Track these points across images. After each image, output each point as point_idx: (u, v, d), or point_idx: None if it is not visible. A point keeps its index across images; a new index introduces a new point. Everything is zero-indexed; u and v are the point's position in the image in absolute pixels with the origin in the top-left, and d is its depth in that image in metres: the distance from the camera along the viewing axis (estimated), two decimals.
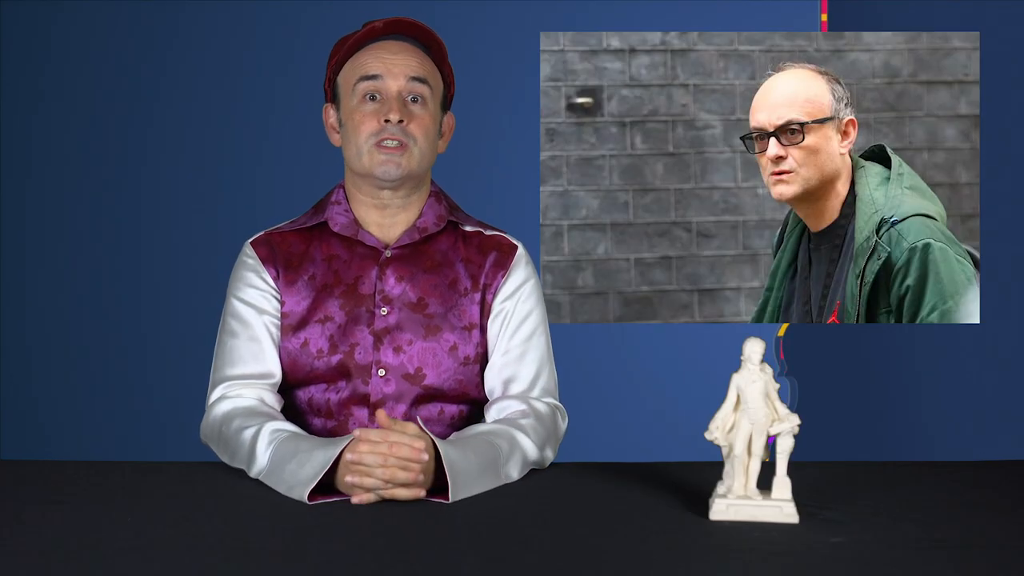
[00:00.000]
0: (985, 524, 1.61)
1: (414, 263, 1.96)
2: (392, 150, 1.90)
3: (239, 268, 1.98)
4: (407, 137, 1.90)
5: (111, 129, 3.58)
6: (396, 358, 1.91)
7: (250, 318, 1.94)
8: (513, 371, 1.95)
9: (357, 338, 1.92)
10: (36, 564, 1.40)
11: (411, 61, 1.93)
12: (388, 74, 1.91)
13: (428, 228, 1.98)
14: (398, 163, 1.90)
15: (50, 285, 3.61)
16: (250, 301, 1.95)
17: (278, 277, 1.95)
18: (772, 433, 1.60)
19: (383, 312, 1.93)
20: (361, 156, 1.92)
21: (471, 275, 1.98)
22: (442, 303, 1.95)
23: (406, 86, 1.91)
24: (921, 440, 3.31)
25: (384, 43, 1.95)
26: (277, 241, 1.98)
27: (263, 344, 1.93)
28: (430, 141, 1.94)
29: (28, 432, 3.60)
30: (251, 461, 1.79)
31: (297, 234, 1.99)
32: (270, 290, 1.95)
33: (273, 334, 1.94)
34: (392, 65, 1.92)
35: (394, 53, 1.93)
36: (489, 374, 1.97)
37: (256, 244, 1.99)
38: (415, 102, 1.92)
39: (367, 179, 1.94)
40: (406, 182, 1.94)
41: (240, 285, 1.97)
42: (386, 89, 1.91)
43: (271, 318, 1.95)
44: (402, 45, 1.95)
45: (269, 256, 1.96)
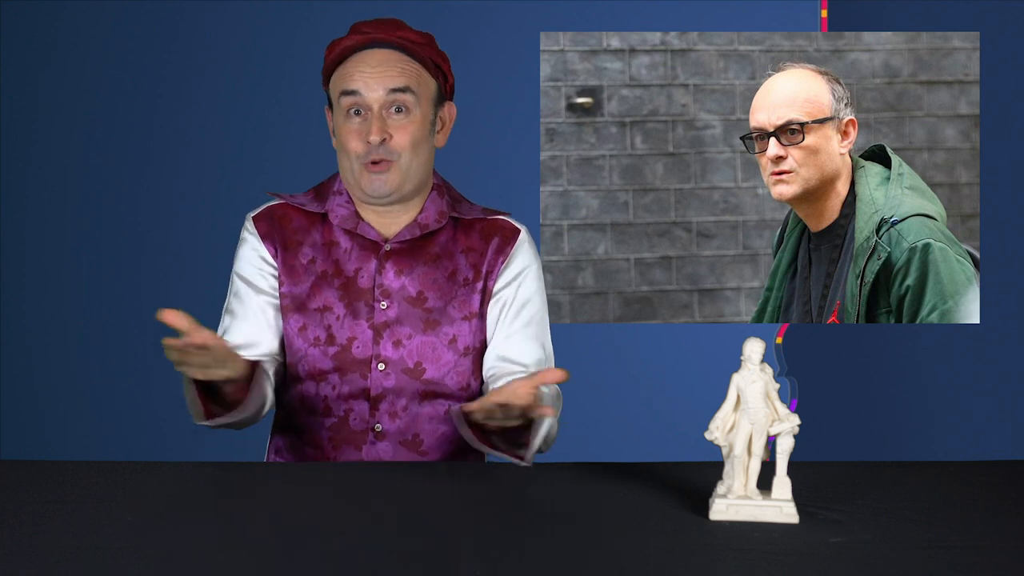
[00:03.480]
0: (985, 524, 1.61)
1: (413, 256, 1.97)
2: (379, 169, 1.90)
3: (240, 243, 2.01)
4: (391, 154, 1.90)
5: (111, 128, 3.58)
6: (396, 352, 1.92)
7: (247, 298, 1.97)
8: (515, 353, 1.96)
9: (355, 332, 1.92)
10: (36, 564, 1.40)
11: (390, 71, 1.90)
12: (367, 88, 1.90)
13: (429, 224, 1.98)
14: (384, 180, 1.91)
15: (50, 285, 3.61)
16: (248, 278, 1.98)
17: (276, 254, 1.97)
18: (772, 433, 1.60)
19: (382, 306, 1.93)
20: (353, 174, 1.93)
21: (472, 264, 1.98)
22: (441, 296, 1.95)
23: (386, 99, 1.90)
24: (921, 440, 3.31)
25: (365, 53, 1.92)
26: (279, 216, 1.99)
27: (259, 323, 1.96)
28: (419, 147, 1.93)
29: (28, 432, 3.60)
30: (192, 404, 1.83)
31: (302, 213, 2.00)
32: (268, 267, 1.97)
33: (268, 313, 1.96)
34: (371, 79, 1.90)
35: (373, 66, 1.91)
36: (488, 355, 1.97)
37: (257, 219, 2.00)
38: (399, 112, 1.91)
39: (359, 194, 1.95)
40: (398, 195, 1.95)
41: (240, 262, 2.00)
42: (366, 104, 1.90)
43: (268, 297, 1.97)
44: (384, 54, 1.92)
45: (268, 232, 1.98)
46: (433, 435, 1.93)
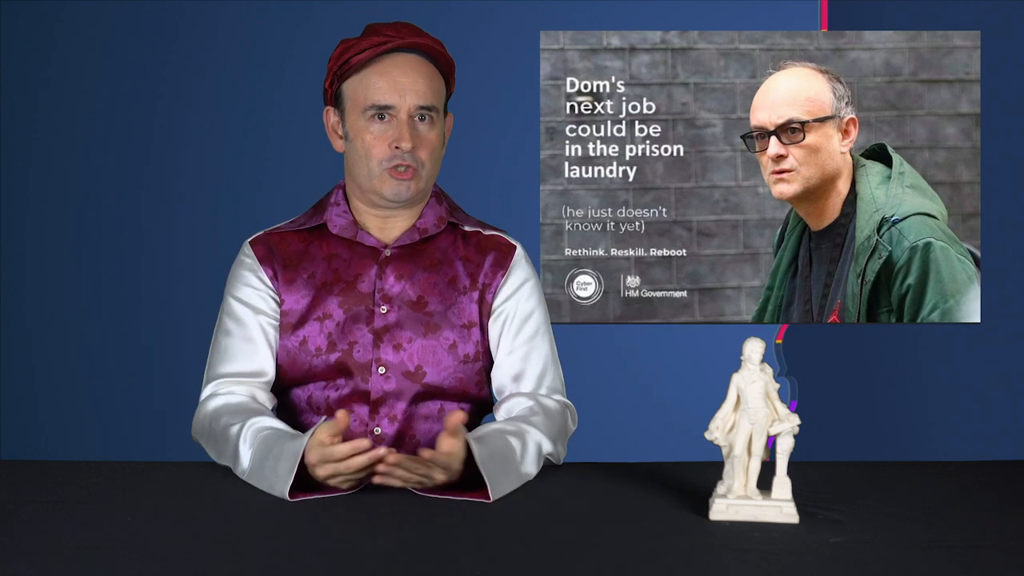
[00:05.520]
0: (985, 524, 1.61)
1: (413, 262, 1.97)
2: (403, 176, 1.92)
3: (237, 267, 1.99)
4: (416, 162, 1.93)
5: (111, 129, 3.58)
6: (396, 356, 1.92)
7: (245, 317, 1.95)
8: (519, 369, 1.96)
9: (356, 336, 1.92)
10: (36, 564, 1.40)
11: (420, 85, 1.92)
12: (399, 99, 1.92)
13: (428, 229, 1.99)
14: (408, 186, 1.93)
15: (50, 285, 3.61)
16: (246, 300, 1.96)
17: (275, 277, 1.96)
18: (772, 433, 1.60)
19: (383, 311, 1.93)
20: (372, 178, 1.94)
21: (469, 273, 1.98)
22: (441, 301, 1.95)
23: (416, 110, 1.92)
24: (921, 440, 3.31)
25: (390, 61, 1.93)
26: (276, 241, 1.99)
27: (257, 344, 1.94)
28: (436, 159, 1.97)
29: (28, 432, 3.59)
30: (235, 460, 1.80)
31: (296, 234, 2.00)
32: (267, 290, 1.96)
33: (268, 334, 1.95)
34: (403, 89, 1.92)
35: (405, 73, 1.92)
36: (496, 374, 1.98)
37: (254, 243, 2.00)
38: (423, 120, 1.93)
39: (374, 196, 1.96)
40: (415, 201, 1.97)
41: (237, 284, 1.97)
42: (396, 112, 1.92)
43: (267, 318, 1.95)
44: (412, 62, 1.94)
45: (267, 256, 1.97)
46: (428, 434, 1.93)
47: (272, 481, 1.70)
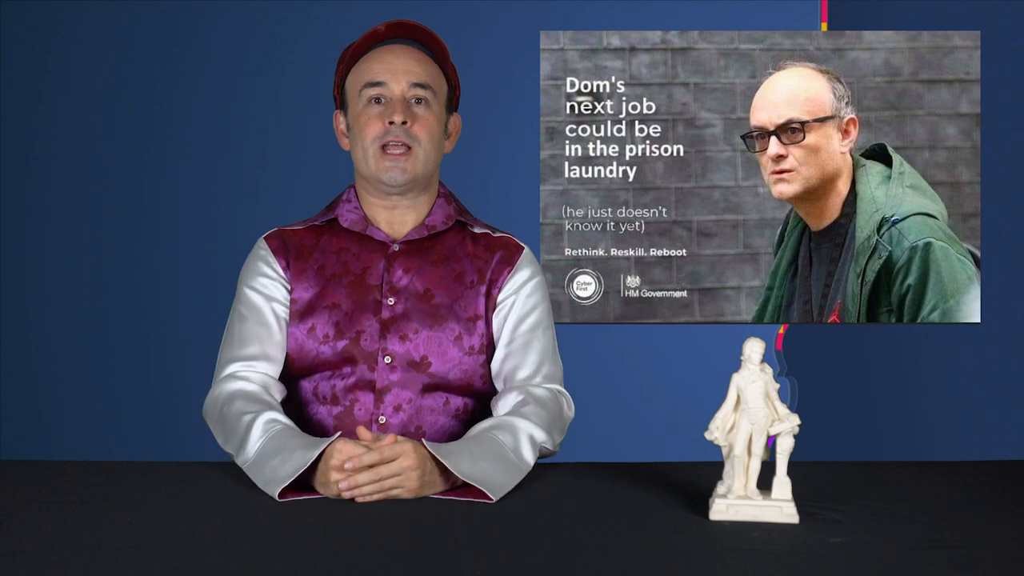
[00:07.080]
0: (985, 524, 1.61)
1: (421, 257, 2.00)
2: (398, 156, 1.95)
3: (251, 260, 2.04)
4: (411, 139, 1.95)
5: (114, 129, 3.58)
6: (402, 346, 1.94)
7: (260, 304, 1.99)
8: (517, 360, 1.98)
9: (363, 325, 1.95)
10: (36, 564, 1.40)
11: (413, 66, 1.97)
12: (392, 79, 1.96)
13: (436, 226, 2.02)
14: (403, 168, 1.95)
15: (51, 285, 3.61)
16: (260, 288, 2.00)
17: (288, 267, 2.00)
18: (772, 433, 1.60)
19: (390, 302, 1.96)
20: (367, 160, 1.97)
21: (477, 269, 2.01)
22: (448, 294, 1.98)
23: (409, 90, 1.96)
24: (921, 440, 3.31)
25: (387, 47, 2.00)
26: (288, 236, 2.04)
27: (272, 328, 1.98)
28: (435, 142, 1.98)
29: (28, 432, 3.59)
30: (242, 448, 1.80)
31: (308, 230, 2.05)
32: (280, 279, 2.00)
33: (281, 321, 1.99)
34: (395, 69, 1.96)
35: (397, 56, 1.98)
36: (495, 365, 2.00)
37: (269, 238, 2.05)
38: (419, 103, 1.97)
39: (374, 183, 1.98)
40: (413, 185, 1.99)
41: (252, 274, 2.02)
42: (390, 93, 1.96)
43: (280, 305, 1.99)
44: (405, 49, 1.99)
45: (280, 248, 2.02)
46: (434, 426, 1.95)
47: (269, 479, 1.71)
